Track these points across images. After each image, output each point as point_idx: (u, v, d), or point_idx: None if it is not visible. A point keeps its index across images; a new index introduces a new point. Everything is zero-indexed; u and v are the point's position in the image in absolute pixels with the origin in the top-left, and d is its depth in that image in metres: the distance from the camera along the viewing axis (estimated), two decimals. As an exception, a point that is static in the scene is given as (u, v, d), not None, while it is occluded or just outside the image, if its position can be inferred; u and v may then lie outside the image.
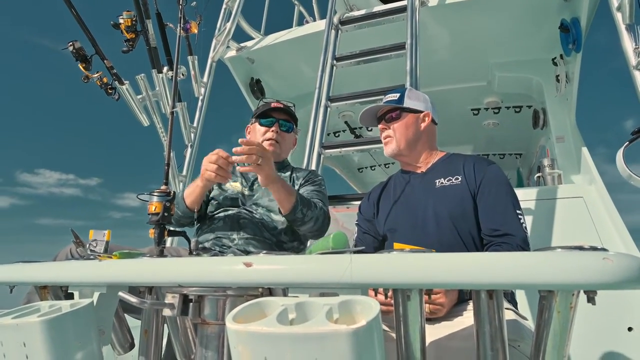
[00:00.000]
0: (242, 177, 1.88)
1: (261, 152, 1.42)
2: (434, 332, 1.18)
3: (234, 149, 1.40)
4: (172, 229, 1.09)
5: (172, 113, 1.29)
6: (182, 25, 1.57)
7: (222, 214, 1.76)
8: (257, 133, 1.91)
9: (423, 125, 1.61)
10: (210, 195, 1.83)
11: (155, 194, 1.06)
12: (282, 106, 1.92)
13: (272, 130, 1.88)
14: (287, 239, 1.78)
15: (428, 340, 1.02)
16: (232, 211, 1.75)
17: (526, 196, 2.47)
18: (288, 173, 1.92)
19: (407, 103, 1.60)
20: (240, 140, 1.39)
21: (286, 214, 1.61)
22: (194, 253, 1.00)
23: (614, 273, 0.52)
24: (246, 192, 1.82)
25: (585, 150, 2.86)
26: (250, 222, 1.72)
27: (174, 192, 1.10)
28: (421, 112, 1.62)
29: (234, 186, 1.85)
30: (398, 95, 1.62)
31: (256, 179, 1.85)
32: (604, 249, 0.58)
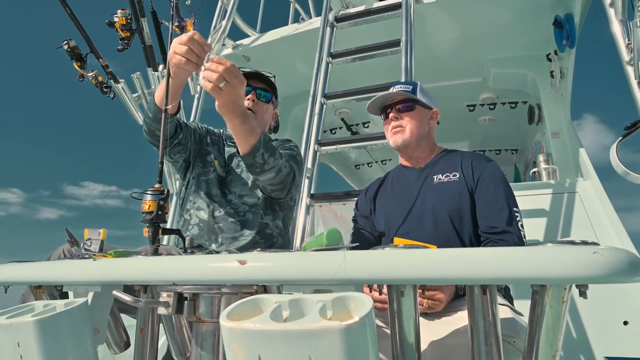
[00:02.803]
0: (220, 155, 1.77)
1: (230, 76, 1.25)
2: (431, 328, 1.19)
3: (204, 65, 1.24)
4: (166, 227, 1.09)
5: (165, 110, 1.26)
6: (174, 22, 1.55)
7: (195, 219, 1.68)
8: None
9: (432, 122, 1.61)
10: (192, 175, 1.74)
11: (149, 192, 1.05)
12: (259, 73, 1.79)
13: (248, 99, 1.75)
14: (268, 220, 1.70)
15: (425, 335, 1.02)
16: (204, 213, 1.67)
17: (522, 191, 2.48)
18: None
19: (420, 97, 1.58)
20: (212, 57, 1.24)
21: (244, 154, 1.45)
22: (189, 251, 1.00)
23: (604, 267, 0.53)
24: (222, 174, 1.73)
25: (580, 145, 2.87)
26: (226, 222, 1.65)
27: (168, 191, 1.09)
28: (431, 108, 1.62)
29: (215, 164, 1.75)
30: (411, 87, 1.59)
31: (231, 159, 1.78)
32: (595, 243, 0.58)
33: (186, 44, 1.24)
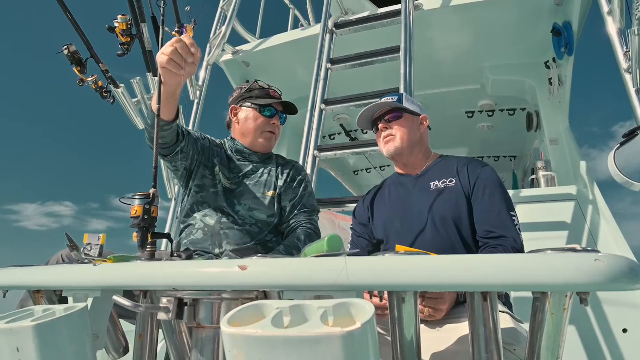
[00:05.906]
0: (224, 167, 1.77)
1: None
2: (433, 335, 1.18)
3: None
4: (155, 232, 1.08)
5: (158, 115, 1.25)
6: (163, 26, 1.55)
7: (200, 224, 1.68)
8: (255, 121, 1.77)
9: (422, 128, 1.63)
10: (196, 183, 1.73)
11: (137, 197, 1.05)
12: (281, 99, 1.83)
13: (273, 123, 1.77)
14: (271, 237, 1.71)
15: (426, 342, 1.01)
16: (211, 220, 1.67)
17: (520, 198, 2.48)
18: (274, 167, 1.82)
19: (407, 105, 1.60)
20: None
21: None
22: (175, 255, 0.99)
23: (605, 274, 0.53)
24: (228, 185, 1.73)
25: (578, 152, 2.88)
26: (232, 230, 1.65)
27: (154, 194, 1.08)
28: (419, 115, 1.63)
29: (220, 176, 1.75)
30: (396, 97, 1.61)
31: (244, 172, 1.79)
32: (596, 251, 0.58)
33: (173, 45, 1.25)
